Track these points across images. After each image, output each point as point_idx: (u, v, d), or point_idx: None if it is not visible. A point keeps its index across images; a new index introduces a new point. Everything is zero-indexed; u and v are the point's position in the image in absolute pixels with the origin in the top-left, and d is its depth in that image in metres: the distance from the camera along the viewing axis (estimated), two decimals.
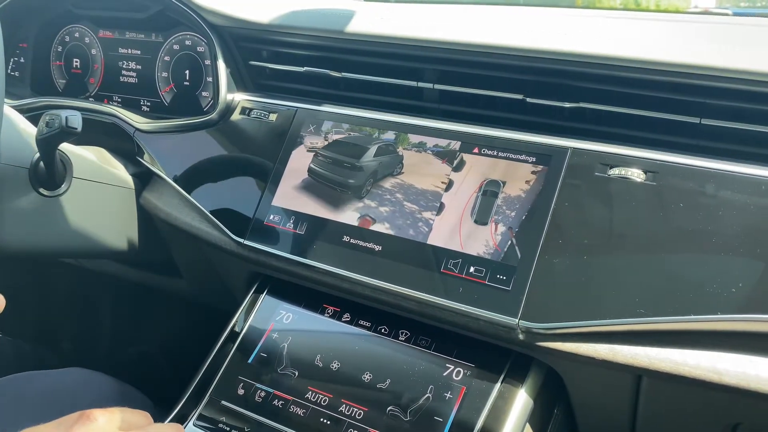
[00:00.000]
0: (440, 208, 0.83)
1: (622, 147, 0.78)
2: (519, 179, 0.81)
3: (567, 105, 0.83)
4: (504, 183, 0.81)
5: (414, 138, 0.89)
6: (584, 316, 0.72)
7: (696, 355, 0.69)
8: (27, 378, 0.97)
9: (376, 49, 0.94)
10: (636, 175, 0.76)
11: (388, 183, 0.88)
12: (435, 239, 0.82)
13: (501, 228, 0.79)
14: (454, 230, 0.82)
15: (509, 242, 0.78)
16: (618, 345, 0.72)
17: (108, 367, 1.05)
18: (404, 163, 0.88)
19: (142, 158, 1.12)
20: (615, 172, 0.77)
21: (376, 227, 0.86)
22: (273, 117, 1.01)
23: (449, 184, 0.84)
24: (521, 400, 0.78)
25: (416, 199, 0.85)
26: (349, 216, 0.88)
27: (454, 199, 0.83)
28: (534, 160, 0.81)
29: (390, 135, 0.91)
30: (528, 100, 0.86)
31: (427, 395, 0.80)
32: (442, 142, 0.87)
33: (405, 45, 0.91)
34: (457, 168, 0.85)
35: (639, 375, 0.74)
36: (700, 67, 0.74)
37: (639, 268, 0.72)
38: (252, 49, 1.07)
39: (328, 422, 0.81)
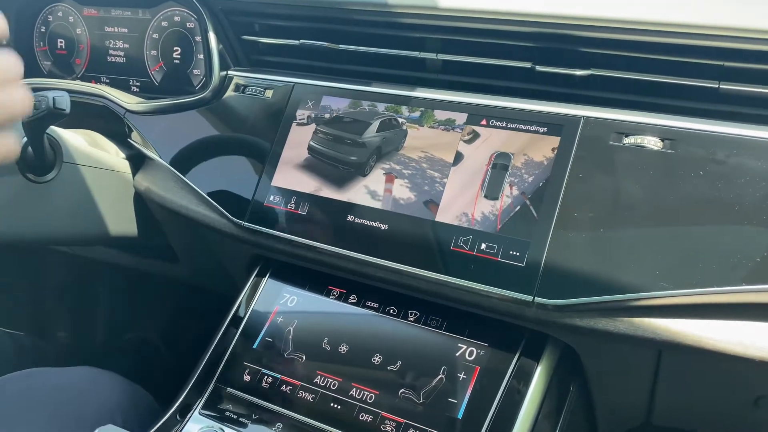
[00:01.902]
0: (448, 184, 0.80)
1: (637, 114, 0.75)
2: (530, 151, 0.78)
3: (578, 72, 0.80)
4: (514, 155, 0.78)
5: (418, 111, 0.86)
6: (602, 291, 0.69)
7: (720, 328, 0.67)
8: (35, 375, 0.95)
9: (375, 19, 0.90)
10: (652, 143, 0.73)
11: (393, 159, 0.85)
12: (444, 216, 0.79)
13: (513, 202, 0.76)
14: (464, 206, 0.79)
15: (522, 217, 0.75)
16: (638, 319, 0.69)
17: (107, 357, 1.03)
18: (408, 138, 0.85)
19: (134, 140, 1.09)
20: (630, 140, 0.74)
21: (381, 205, 0.83)
22: (269, 93, 0.97)
23: (457, 159, 0.81)
24: (537, 378, 0.75)
25: (422, 175, 0.82)
26: (352, 194, 0.85)
27: (463, 174, 0.80)
28: (545, 130, 0.78)
29: (392, 109, 0.87)
30: (537, 68, 0.82)
31: (440, 376, 0.78)
32: (448, 115, 0.84)
33: (405, 14, 0.87)
34: (465, 141, 0.82)
35: (659, 349, 0.72)
36: (718, 27, 0.71)
37: (658, 239, 0.69)
38: (244, 22, 1.02)
39: (339, 407, 0.79)
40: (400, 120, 0.86)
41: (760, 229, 0.66)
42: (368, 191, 0.84)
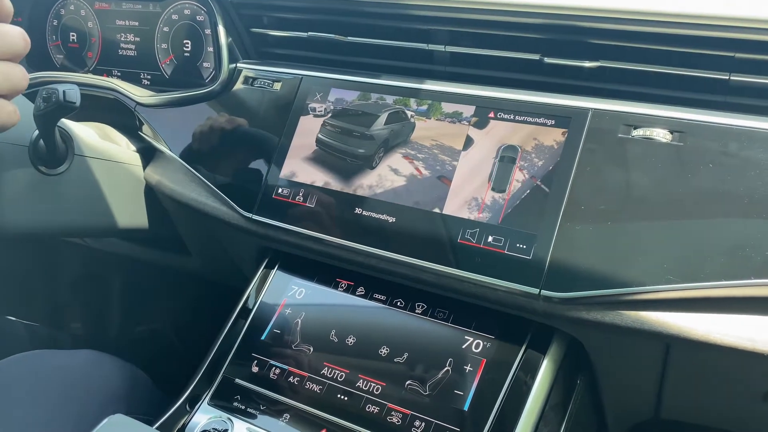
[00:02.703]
0: (455, 177, 0.80)
1: (645, 106, 0.74)
2: (537, 143, 0.77)
3: (587, 64, 0.80)
4: (522, 148, 0.78)
5: (426, 104, 0.85)
6: (609, 284, 0.69)
7: (728, 322, 0.66)
8: (39, 356, 0.97)
9: (383, 11, 0.90)
10: (661, 135, 0.72)
11: (401, 152, 0.85)
12: (451, 209, 0.79)
13: (520, 195, 0.76)
14: (471, 199, 0.79)
15: (529, 210, 0.75)
16: (645, 313, 0.69)
17: (119, 347, 1.04)
18: (416, 130, 0.85)
19: (145, 133, 1.09)
20: (639, 132, 0.73)
21: (389, 198, 0.83)
22: (277, 86, 0.97)
23: (464, 151, 0.81)
24: (544, 371, 0.75)
25: (430, 168, 0.82)
26: (360, 187, 0.85)
27: (470, 167, 0.80)
28: (553, 123, 0.77)
29: (401, 101, 0.87)
30: (545, 60, 0.82)
31: (446, 368, 0.78)
32: (456, 107, 0.83)
33: (413, 5, 0.87)
34: (473, 133, 0.81)
35: (667, 344, 0.71)
36: (730, 18, 0.70)
37: (667, 233, 0.68)
38: (253, 15, 1.03)
39: (346, 398, 0.80)
40: (408, 112, 0.86)
41: None
42: (376, 184, 0.84)
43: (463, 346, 0.79)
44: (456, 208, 0.79)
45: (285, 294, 0.90)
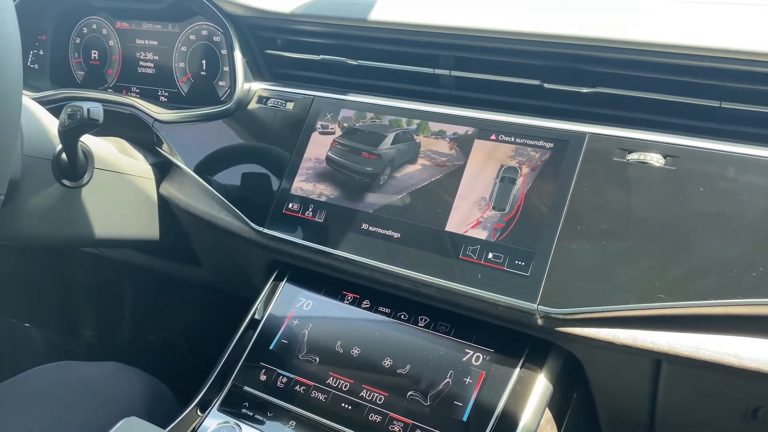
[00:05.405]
0: (458, 195, 0.84)
1: (640, 131, 0.78)
2: (536, 165, 0.81)
3: (584, 90, 0.83)
4: (521, 169, 0.82)
5: (431, 125, 0.89)
6: (604, 302, 0.72)
7: (716, 340, 0.69)
8: (65, 367, 1.00)
9: (392, 37, 0.94)
10: (655, 159, 0.75)
11: (406, 170, 0.88)
12: (453, 226, 0.83)
13: (519, 214, 0.80)
14: (472, 217, 0.82)
15: (527, 228, 0.78)
16: (638, 330, 0.72)
17: (132, 354, 1.07)
18: (422, 151, 0.89)
19: (161, 148, 1.14)
20: (634, 156, 0.77)
21: (395, 215, 0.86)
22: (290, 106, 1.01)
23: (467, 171, 0.84)
24: (540, 385, 0.78)
25: (434, 187, 0.86)
26: (367, 204, 0.89)
27: (472, 186, 0.83)
28: (551, 146, 0.81)
29: (407, 122, 0.91)
30: (545, 85, 0.85)
31: (446, 380, 0.81)
32: (459, 129, 0.87)
33: (421, 32, 0.91)
34: (475, 155, 0.85)
35: (659, 360, 0.74)
36: (718, 50, 0.74)
37: (659, 253, 0.72)
38: (268, 38, 1.07)
39: (349, 407, 0.83)
40: (414, 133, 0.90)
41: (757, 244, 0.68)
42: (382, 201, 0.88)
43: (464, 359, 0.82)
44: (458, 226, 0.82)
45: (293, 305, 0.94)
